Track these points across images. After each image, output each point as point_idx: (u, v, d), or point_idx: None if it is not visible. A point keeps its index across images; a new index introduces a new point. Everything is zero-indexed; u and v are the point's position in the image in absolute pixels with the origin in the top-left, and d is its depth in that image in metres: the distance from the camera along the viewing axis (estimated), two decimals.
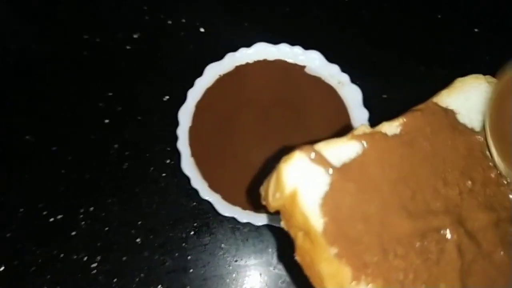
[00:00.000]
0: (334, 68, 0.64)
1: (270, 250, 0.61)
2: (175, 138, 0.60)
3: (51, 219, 0.62)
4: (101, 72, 0.72)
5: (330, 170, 0.32)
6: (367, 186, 0.32)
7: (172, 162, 0.65)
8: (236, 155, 0.60)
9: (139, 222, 0.62)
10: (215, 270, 0.60)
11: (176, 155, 0.59)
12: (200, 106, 0.63)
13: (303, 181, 0.31)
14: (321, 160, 0.32)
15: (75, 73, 0.72)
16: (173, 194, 0.64)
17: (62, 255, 0.61)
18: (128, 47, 0.74)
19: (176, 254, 0.61)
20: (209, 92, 0.63)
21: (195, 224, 0.62)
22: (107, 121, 0.68)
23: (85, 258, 0.60)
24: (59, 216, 0.63)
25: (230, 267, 0.60)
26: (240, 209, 0.57)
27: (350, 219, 0.31)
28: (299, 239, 0.32)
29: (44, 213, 0.63)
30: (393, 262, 0.30)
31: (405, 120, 0.36)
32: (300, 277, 0.35)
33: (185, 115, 0.61)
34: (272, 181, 0.32)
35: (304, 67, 0.65)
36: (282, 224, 0.34)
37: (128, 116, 0.69)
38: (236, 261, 0.61)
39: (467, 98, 0.38)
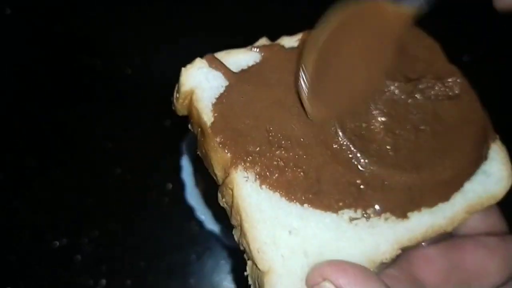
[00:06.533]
0: None
1: None
2: (177, 163, 0.62)
3: (56, 243, 0.64)
4: (101, 97, 0.73)
5: (228, 74, 0.36)
6: (263, 88, 0.36)
7: (174, 187, 0.67)
8: None
9: (142, 247, 0.64)
10: None
11: (177, 180, 0.62)
12: None
13: (200, 83, 0.35)
14: (220, 66, 0.36)
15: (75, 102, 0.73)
16: (175, 220, 0.66)
17: (67, 279, 0.63)
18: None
19: (179, 278, 0.63)
20: None
21: (197, 249, 0.65)
22: (110, 145, 0.70)
23: (91, 282, 0.63)
24: (64, 240, 0.64)
25: None
26: None
27: (241, 116, 0.34)
28: (198, 135, 0.36)
29: (49, 237, 0.64)
30: (276, 152, 0.34)
31: (303, 36, 0.38)
32: None
33: (190, 145, 0.63)
34: (177, 84, 0.36)
35: None
36: (190, 126, 0.38)
37: (129, 141, 0.70)
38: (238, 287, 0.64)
39: None
